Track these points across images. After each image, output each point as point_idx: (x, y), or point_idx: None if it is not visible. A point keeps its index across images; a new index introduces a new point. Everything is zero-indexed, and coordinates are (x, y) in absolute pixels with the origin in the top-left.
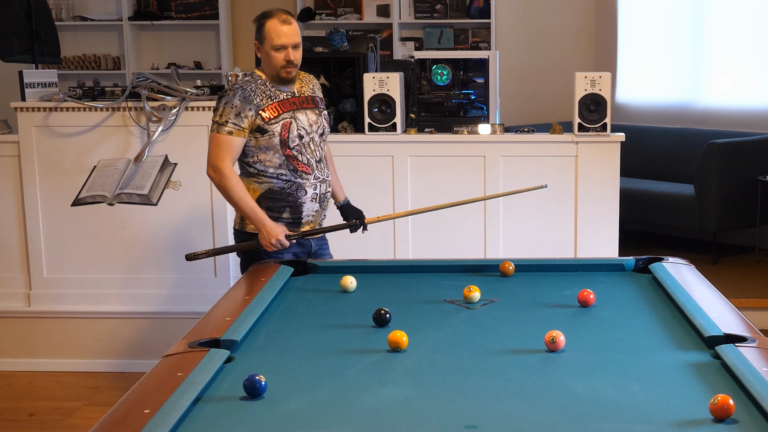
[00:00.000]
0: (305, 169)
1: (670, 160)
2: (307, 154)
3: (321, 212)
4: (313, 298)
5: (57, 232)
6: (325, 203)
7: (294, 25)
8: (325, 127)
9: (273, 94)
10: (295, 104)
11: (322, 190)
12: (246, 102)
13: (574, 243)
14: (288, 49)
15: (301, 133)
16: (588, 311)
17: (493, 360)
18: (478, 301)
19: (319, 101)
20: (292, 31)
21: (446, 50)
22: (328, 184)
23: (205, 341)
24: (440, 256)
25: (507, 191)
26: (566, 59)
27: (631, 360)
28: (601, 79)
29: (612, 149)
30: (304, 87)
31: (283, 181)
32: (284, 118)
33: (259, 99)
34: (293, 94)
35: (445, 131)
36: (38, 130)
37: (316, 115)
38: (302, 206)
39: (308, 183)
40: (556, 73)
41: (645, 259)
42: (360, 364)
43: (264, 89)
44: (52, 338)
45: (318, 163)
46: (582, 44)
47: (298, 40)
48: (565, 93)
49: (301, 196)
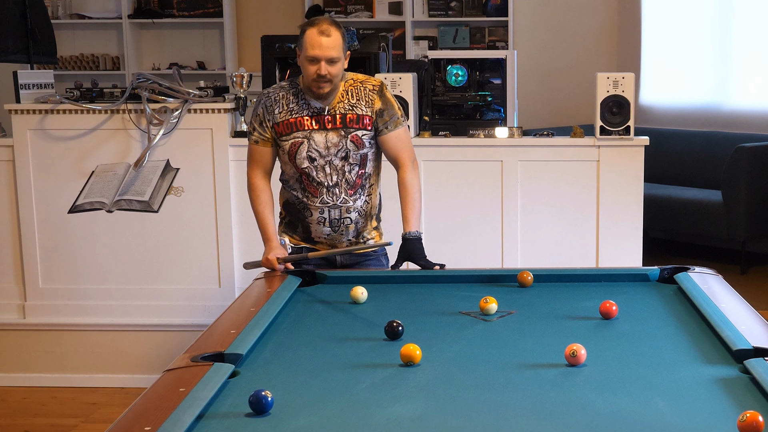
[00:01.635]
0: (313, 190)
1: (697, 165)
2: (320, 176)
3: (339, 237)
4: (322, 309)
5: (53, 241)
6: (341, 229)
7: (334, 37)
8: (349, 150)
9: (297, 107)
10: (319, 123)
11: (333, 216)
12: (267, 111)
13: (596, 252)
14: (321, 63)
15: (313, 155)
16: (610, 323)
17: (511, 375)
18: (495, 312)
19: (354, 121)
20: (330, 44)
21: (461, 50)
22: (346, 211)
23: (208, 355)
24: (455, 265)
25: (352, 247)
26: (587, 59)
27: (656, 375)
28: (624, 79)
29: (635, 153)
30: (344, 103)
31: (295, 196)
32: (296, 137)
33: (279, 110)
34: (321, 110)
35: (461, 135)
36: (34, 133)
37: (340, 137)
38: (309, 227)
39: (313, 206)
40: (576, 73)
41: (670, 269)
42: (371, 379)
43: (292, 99)
44: (48, 352)
45: (333, 187)
46: (604, 43)
47: (334, 54)
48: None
49: (307, 216)
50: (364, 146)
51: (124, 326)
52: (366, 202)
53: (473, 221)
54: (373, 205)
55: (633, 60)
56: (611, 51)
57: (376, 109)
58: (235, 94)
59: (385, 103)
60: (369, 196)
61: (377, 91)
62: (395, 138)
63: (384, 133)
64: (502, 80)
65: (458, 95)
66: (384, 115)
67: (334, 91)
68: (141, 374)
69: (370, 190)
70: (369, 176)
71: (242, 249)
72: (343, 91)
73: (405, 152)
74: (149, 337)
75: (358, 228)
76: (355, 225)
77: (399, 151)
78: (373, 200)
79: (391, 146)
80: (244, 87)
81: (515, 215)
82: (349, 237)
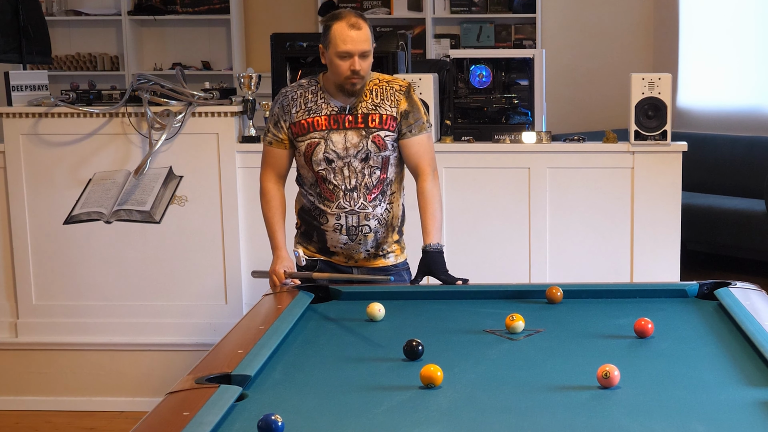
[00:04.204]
0: (329, 195)
1: (738, 173)
2: (338, 179)
3: (356, 247)
4: (336, 328)
5: (47, 254)
6: (359, 238)
7: (364, 30)
8: (370, 152)
9: (316, 106)
10: (337, 123)
11: (351, 222)
12: (283, 111)
13: (630, 266)
14: (354, 58)
15: (330, 156)
16: (646, 343)
17: (539, 398)
18: (521, 331)
19: (377, 121)
20: (361, 37)
21: (486, 48)
22: (365, 218)
23: (214, 376)
24: (479, 280)
25: (354, 276)
26: (621, 58)
27: (695, 398)
28: (660, 81)
29: (673, 160)
30: (367, 102)
31: (310, 201)
32: (313, 137)
33: (296, 109)
34: (342, 109)
35: (485, 140)
36: (26, 138)
37: (360, 137)
38: (325, 234)
39: (329, 211)
40: (609, 74)
41: (710, 284)
42: (388, 403)
43: (310, 98)
44: (42, 373)
45: (351, 191)
46: (639, 41)
47: (366, 47)
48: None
49: (323, 223)
50: (387, 148)
51: (124, 345)
52: (387, 210)
53: (498, 233)
54: (395, 215)
55: (670, 59)
56: (647, 50)
57: (402, 110)
58: (243, 97)
59: (412, 105)
60: (390, 204)
61: (404, 92)
62: (418, 143)
63: (407, 137)
64: (529, 81)
65: (482, 97)
66: (409, 117)
67: (363, 88)
68: (142, 397)
69: (392, 198)
70: (390, 182)
71: (251, 262)
72: (367, 90)
73: (426, 160)
74: (150, 357)
75: (377, 238)
76: (375, 234)
77: (420, 158)
78: (395, 210)
79: (413, 152)
80: (253, 89)
81: (543, 226)
82: (368, 248)
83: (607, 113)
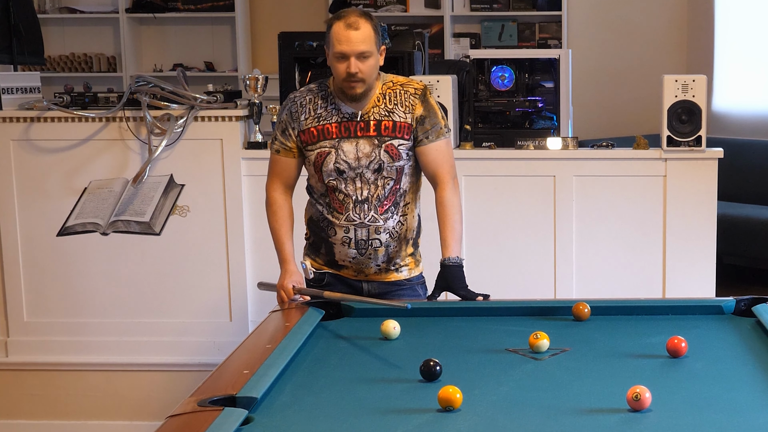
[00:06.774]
0: (338, 206)
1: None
2: (349, 189)
3: (366, 261)
4: (348, 346)
5: (40, 268)
6: (368, 252)
7: (363, 30)
8: (383, 162)
9: (326, 113)
10: (348, 130)
11: (360, 236)
12: (292, 118)
13: (662, 280)
14: (350, 60)
15: (341, 167)
16: (679, 362)
17: (565, 421)
18: (546, 350)
19: (390, 128)
20: (359, 38)
21: (508, 48)
22: (375, 231)
23: (218, 399)
24: (501, 296)
25: (366, 299)
26: (653, 59)
27: (731, 421)
28: (694, 83)
29: (708, 167)
30: (379, 107)
31: (319, 211)
32: (323, 146)
33: (306, 116)
34: (353, 116)
35: (507, 146)
36: (17, 144)
37: (372, 146)
38: (333, 247)
39: (338, 223)
40: (640, 76)
41: (748, 300)
42: (404, 426)
43: (320, 104)
44: (34, 395)
45: (362, 203)
46: (672, 41)
47: (365, 48)
48: (651, 100)
49: (331, 235)
50: (401, 158)
51: (122, 366)
52: (400, 223)
53: (521, 245)
54: (409, 227)
55: (705, 60)
56: (680, 49)
57: (417, 116)
58: (249, 100)
59: (428, 109)
60: (404, 216)
61: (420, 96)
62: (435, 150)
63: (423, 144)
64: (554, 83)
65: (504, 101)
66: (425, 123)
67: (368, 92)
68: (141, 421)
69: (405, 210)
70: (404, 193)
71: (257, 277)
72: (379, 94)
73: (445, 167)
74: (150, 378)
75: (389, 253)
76: (386, 249)
77: (438, 166)
78: (409, 222)
79: (431, 160)
80: (259, 91)
81: (570, 238)
82: (379, 262)
83: (638, 118)
